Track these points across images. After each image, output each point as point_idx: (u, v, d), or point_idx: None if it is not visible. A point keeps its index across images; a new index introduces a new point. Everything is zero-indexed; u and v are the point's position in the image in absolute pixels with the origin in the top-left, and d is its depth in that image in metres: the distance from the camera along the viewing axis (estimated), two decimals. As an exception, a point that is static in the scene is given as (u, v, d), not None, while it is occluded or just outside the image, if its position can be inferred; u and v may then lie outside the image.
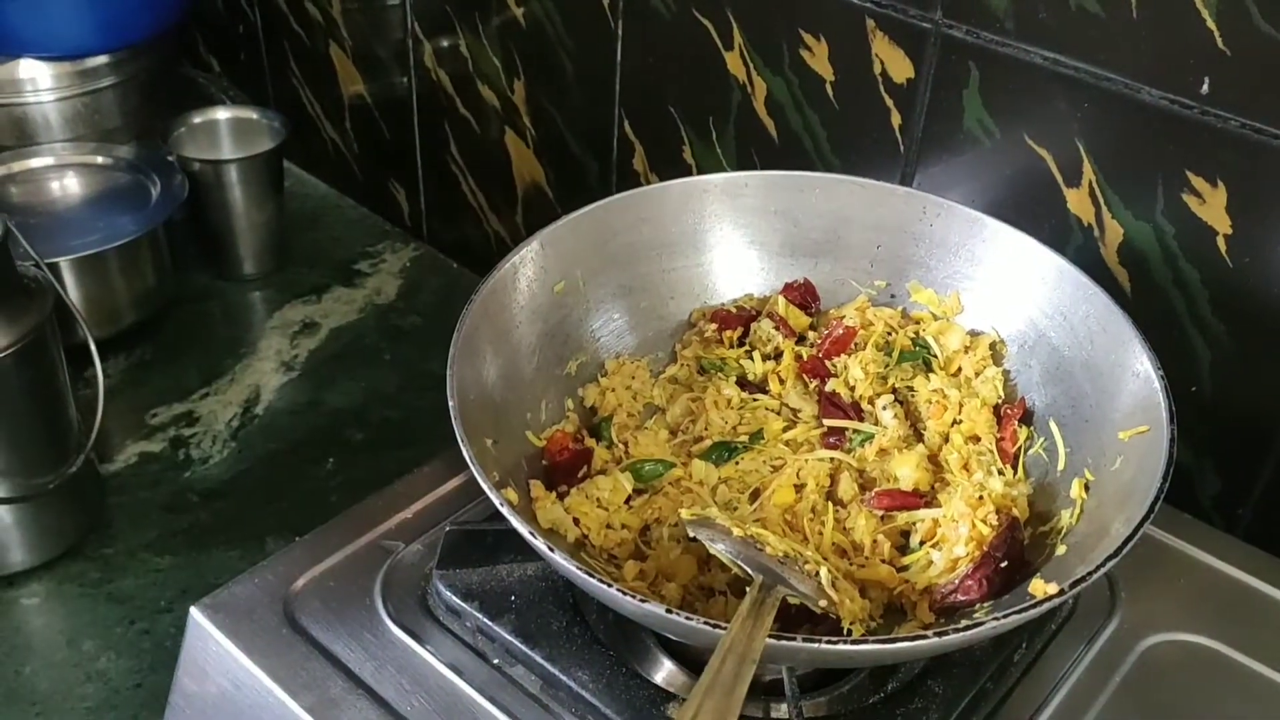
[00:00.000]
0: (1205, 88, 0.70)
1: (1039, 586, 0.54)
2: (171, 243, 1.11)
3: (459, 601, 0.66)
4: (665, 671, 0.66)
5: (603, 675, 0.63)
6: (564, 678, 0.63)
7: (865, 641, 0.51)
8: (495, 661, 0.65)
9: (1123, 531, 0.54)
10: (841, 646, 0.50)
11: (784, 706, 0.63)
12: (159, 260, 1.09)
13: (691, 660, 0.66)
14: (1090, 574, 0.52)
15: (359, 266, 1.27)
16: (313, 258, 1.27)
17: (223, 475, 1.00)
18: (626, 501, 0.67)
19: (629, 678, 0.63)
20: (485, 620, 0.65)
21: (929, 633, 0.50)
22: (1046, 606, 0.52)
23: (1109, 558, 0.52)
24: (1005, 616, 0.51)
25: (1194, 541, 0.75)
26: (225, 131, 1.21)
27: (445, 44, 1.16)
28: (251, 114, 1.21)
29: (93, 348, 0.90)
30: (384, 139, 1.30)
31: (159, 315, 1.13)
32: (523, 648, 0.64)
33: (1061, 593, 0.51)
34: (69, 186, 1.11)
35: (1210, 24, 0.68)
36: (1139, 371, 0.63)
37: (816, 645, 0.50)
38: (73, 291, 1.01)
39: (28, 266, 0.85)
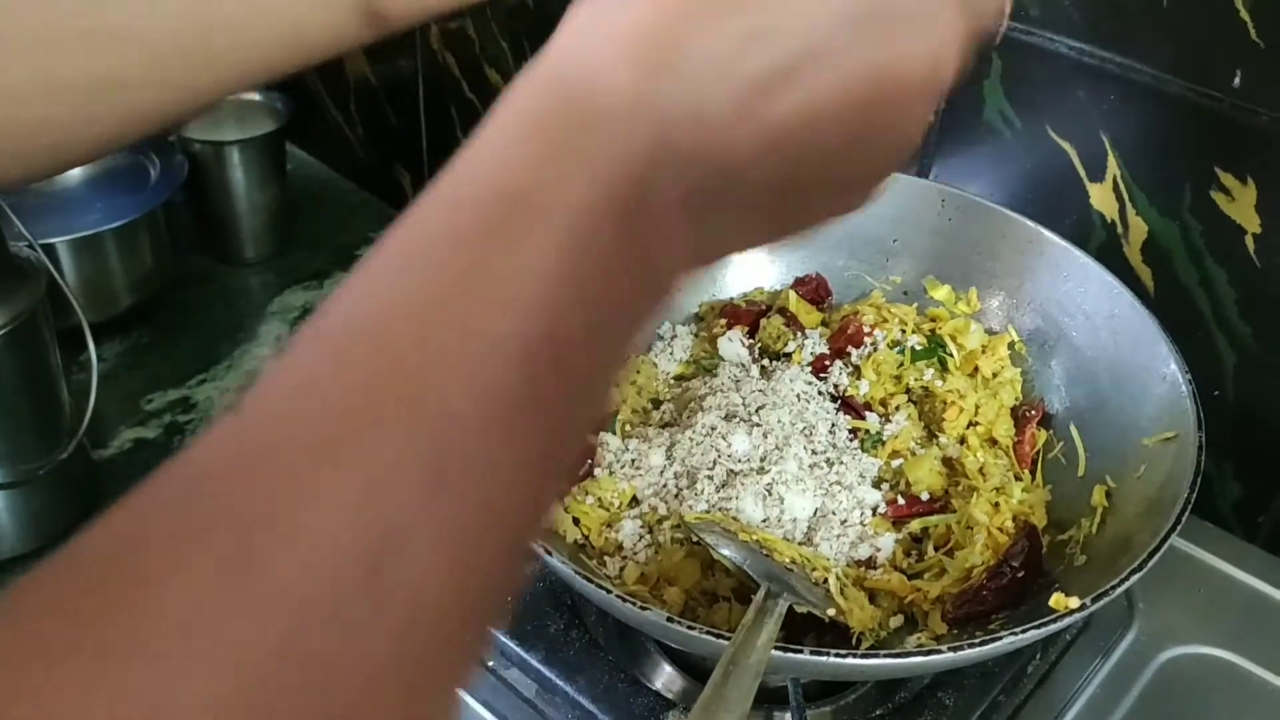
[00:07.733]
0: (1237, 81, 0.67)
1: (1060, 600, 0.51)
2: (170, 225, 1.08)
3: (454, 601, 0.64)
4: (665, 677, 0.64)
5: (600, 680, 0.62)
6: (561, 682, 0.61)
7: (876, 655, 0.49)
8: (490, 664, 0.63)
9: (1147, 543, 0.52)
10: (852, 660, 0.47)
11: (788, 717, 0.61)
12: (157, 242, 1.06)
13: (693, 667, 0.65)
14: (1114, 587, 0.49)
15: (361, 252, 1.24)
16: (314, 242, 1.24)
17: (218, 463, 0.98)
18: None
19: (628, 684, 0.62)
20: (480, 621, 0.63)
21: (943, 647, 0.48)
22: (1067, 621, 0.49)
23: (1133, 570, 0.50)
24: (1024, 631, 0.48)
25: (1213, 550, 0.72)
26: (227, 112, 1.18)
27: (452, 25, 1.14)
28: (254, 95, 1.18)
29: (87, 331, 0.87)
30: (389, 122, 1.28)
31: (156, 299, 1.10)
32: (518, 650, 0.62)
33: (1084, 607, 0.49)
34: (66, 166, 1.09)
35: (1244, 14, 0.65)
36: (1166, 375, 0.61)
37: (825, 658, 0.47)
38: (68, 273, 0.99)
39: (21, 247, 0.83)
